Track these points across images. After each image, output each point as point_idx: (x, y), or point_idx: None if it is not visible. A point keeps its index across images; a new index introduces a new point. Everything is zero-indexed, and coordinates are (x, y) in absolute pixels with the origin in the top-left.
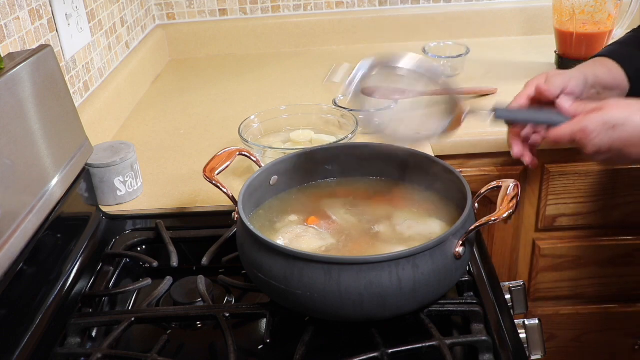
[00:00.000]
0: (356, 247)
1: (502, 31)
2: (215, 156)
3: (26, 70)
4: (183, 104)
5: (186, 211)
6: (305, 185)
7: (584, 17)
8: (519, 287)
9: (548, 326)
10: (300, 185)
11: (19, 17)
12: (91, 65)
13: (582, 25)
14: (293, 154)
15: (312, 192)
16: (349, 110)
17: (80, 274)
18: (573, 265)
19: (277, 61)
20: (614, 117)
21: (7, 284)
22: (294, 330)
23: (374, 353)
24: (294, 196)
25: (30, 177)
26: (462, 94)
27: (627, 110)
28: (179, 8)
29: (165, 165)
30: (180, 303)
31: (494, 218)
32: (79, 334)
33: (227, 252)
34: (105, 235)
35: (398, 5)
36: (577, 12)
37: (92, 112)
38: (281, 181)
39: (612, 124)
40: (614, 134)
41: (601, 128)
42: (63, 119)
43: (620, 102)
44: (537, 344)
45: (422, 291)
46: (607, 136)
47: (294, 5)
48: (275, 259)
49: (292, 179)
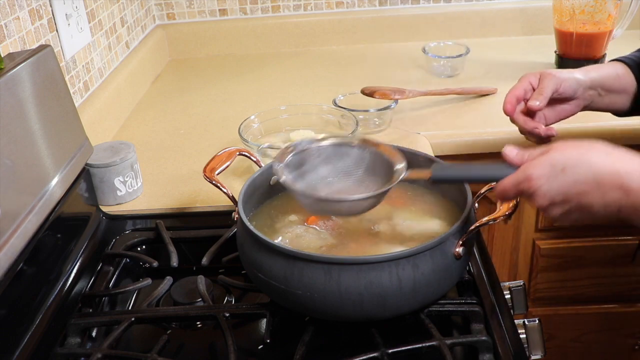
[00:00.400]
0: (356, 247)
1: (502, 31)
2: (215, 156)
3: (26, 70)
4: (183, 104)
5: (186, 211)
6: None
7: (584, 17)
8: (519, 287)
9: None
10: None
11: (19, 17)
12: (91, 65)
13: (582, 25)
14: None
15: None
16: (349, 111)
17: (80, 274)
18: (573, 265)
19: (277, 61)
20: (562, 159)
21: (7, 284)
22: (294, 330)
23: (374, 353)
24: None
25: (30, 177)
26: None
27: (577, 150)
28: (179, 8)
29: (165, 165)
30: (180, 303)
31: (494, 218)
32: (79, 334)
33: (227, 252)
34: (105, 235)
35: (398, 5)
36: (577, 12)
37: (92, 112)
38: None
39: (561, 167)
40: (565, 177)
41: (549, 172)
42: (63, 119)
43: (568, 144)
44: (537, 344)
45: (422, 291)
46: (556, 182)
47: (294, 5)
48: (275, 259)
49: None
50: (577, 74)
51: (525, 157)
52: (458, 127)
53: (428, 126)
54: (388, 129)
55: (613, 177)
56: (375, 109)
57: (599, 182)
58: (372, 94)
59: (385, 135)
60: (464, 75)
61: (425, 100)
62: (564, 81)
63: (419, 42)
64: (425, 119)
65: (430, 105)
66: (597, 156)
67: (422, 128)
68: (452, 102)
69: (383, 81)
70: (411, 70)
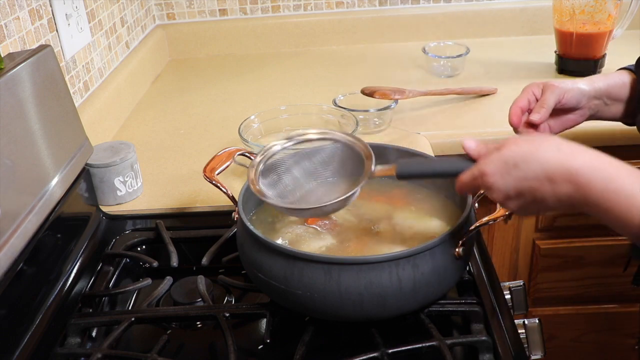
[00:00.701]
0: (356, 247)
1: (502, 31)
2: (215, 156)
3: (26, 70)
4: (183, 104)
5: (186, 211)
6: None
7: (584, 17)
8: (519, 287)
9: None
10: None
11: (19, 17)
12: (91, 65)
13: (582, 25)
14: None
15: None
16: (349, 111)
17: (80, 274)
18: (573, 266)
19: (277, 61)
20: (512, 156)
21: (7, 284)
22: (294, 330)
23: (374, 353)
24: None
25: (30, 177)
26: (462, 93)
27: (529, 145)
28: (179, 8)
29: (165, 165)
30: (180, 303)
31: (494, 218)
32: (79, 334)
33: (227, 252)
34: (105, 235)
35: (398, 5)
36: (577, 12)
37: (92, 112)
38: None
39: (513, 163)
40: (517, 173)
41: (502, 169)
42: (63, 119)
43: (520, 139)
44: (537, 344)
45: (422, 291)
46: (509, 178)
47: (294, 5)
48: (275, 259)
49: None
50: (581, 84)
51: (483, 150)
52: (458, 127)
53: (428, 126)
54: (388, 129)
55: (563, 172)
56: (375, 109)
57: (549, 177)
58: (372, 94)
59: (385, 135)
60: (464, 75)
61: (425, 100)
62: (567, 92)
63: (419, 42)
64: (425, 119)
65: (430, 105)
66: (547, 152)
67: (422, 128)
68: (452, 102)
69: (383, 81)
70: (411, 70)
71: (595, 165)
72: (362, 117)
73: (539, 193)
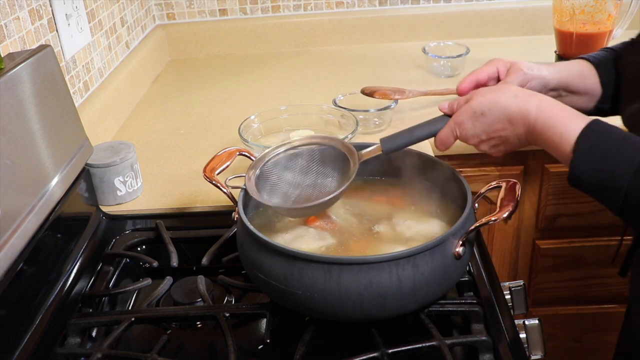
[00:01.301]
0: (356, 247)
1: (502, 31)
2: (215, 156)
3: (26, 70)
4: (183, 104)
5: (186, 211)
6: None
7: (584, 17)
8: (519, 287)
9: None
10: None
11: (19, 17)
12: (91, 65)
13: (582, 25)
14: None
15: None
16: (349, 111)
17: (80, 274)
18: (573, 265)
19: (277, 61)
20: (479, 105)
21: (7, 284)
22: (294, 330)
23: (374, 353)
24: None
25: (30, 177)
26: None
27: (491, 95)
28: (179, 8)
29: (165, 165)
30: (180, 303)
31: (494, 218)
32: (79, 334)
33: (227, 252)
34: (105, 235)
35: (398, 5)
36: (577, 12)
37: (92, 112)
38: None
39: (480, 111)
40: (485, 119)
41: (472, 117)
42: (63, 119)
43: (485, 89)
44: (537, 344)
45: (422, 291)
46: (479, 124)
47: (294, 5)
48: (275, 259)
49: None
50: (545, 72)
51: (454, 106)
52: None
53: None
54: (388, 129)
55: (519, 115)
56: (375, 109)
57: (510, 120)
58: (372, 94)
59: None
60: (464, 75)
61: (425, 100)
62: (530, 80)
63: (419, 42)
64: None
65: (430, 105)
66: (507, 99)
67: None
68: None
69: (383, 81)
70: (411, 70)
71: (541, 108)
72: (362, 117)
73: (503, 133)
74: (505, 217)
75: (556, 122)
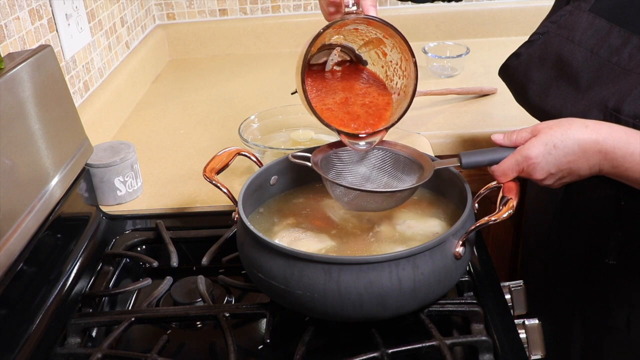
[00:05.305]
0: (356, 247)
1: (502, 31)
2: (215, 156)
3: (26, 70)
4: (183, 104)
5: (186, 211)
6: (305, 185)
7: None
8: (519, 287)
9: None
10: (300, 185)
11: (19, 17)
12: (91, 65)
13: None
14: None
15: (312, 192)
16: None
17: (80, 274)
18: None
19: (277, 61)
20: (551, 138)
21: (7, 284)
22: (294, 330)
23: (374, 353)
24: (293, 196)
25: (30, 177)
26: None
27: (561, 127)
28: (179, 8)
29: (165, 165)
30: (180, 303)
31: (494, 218)
32: (79, 334)
33: (227, 252)
34: (105, 235)
35: (398, 5)
36: None
37: (92, 112)
38: (281, 181)
39: (553, 144)
40: (557, 152)
41: (543, 151)
42: (63, 119)
43: (551, 123)
44: (537, 344)
45: (422, 291)
46: (551, 157)
47: (294, 5)
48: (275, 259)
49: (292, 179)
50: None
51: (513, 138)
52: (458, 127)
53: (428, 126)
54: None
55: (593, 145)
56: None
57: (584, 150)
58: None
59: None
60: (464, 75)
61: (425, 100)
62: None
63: (419, 42)
64: (425, 119)
65: (430, 105)
66: (578, 130)
67: (422, 128)
68: (452, 102)
69: None
70: None
71: (615, 134)
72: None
73: (575, 165)
74: (505, 217)
75: (636, 145)
